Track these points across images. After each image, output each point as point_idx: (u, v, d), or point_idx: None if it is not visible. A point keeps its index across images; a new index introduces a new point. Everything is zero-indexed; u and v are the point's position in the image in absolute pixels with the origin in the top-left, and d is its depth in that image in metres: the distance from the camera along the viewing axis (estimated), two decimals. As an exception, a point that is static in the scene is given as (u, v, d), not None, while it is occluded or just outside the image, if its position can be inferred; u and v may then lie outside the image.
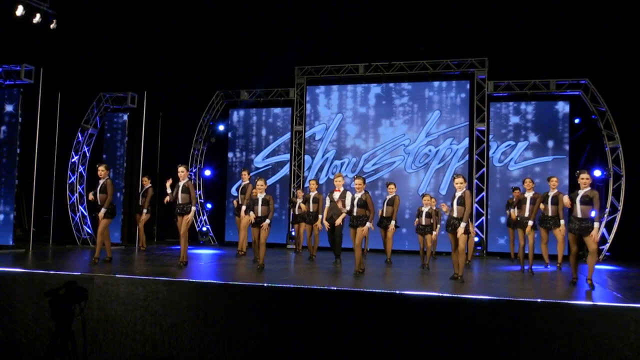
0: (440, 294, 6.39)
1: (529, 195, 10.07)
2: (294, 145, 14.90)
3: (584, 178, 7.81)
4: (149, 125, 14.05)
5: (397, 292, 6.48)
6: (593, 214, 7.73)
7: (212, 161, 15.88)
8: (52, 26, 11.50)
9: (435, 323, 6.25)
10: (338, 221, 9.40)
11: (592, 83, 12.95)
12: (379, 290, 6.57)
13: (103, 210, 9.15)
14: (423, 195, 10.42)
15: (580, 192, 7.80)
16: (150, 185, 12.27)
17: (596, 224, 7.59)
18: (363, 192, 8.81)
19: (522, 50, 13.32)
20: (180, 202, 9.10)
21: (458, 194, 8.25)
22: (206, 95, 15.38)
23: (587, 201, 7.68)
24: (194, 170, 15.45)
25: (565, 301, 6.10)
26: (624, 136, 12.77)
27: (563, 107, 13.38)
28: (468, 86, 13.95)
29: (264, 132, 15.33)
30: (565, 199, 8.07)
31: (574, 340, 5.84)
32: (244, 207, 10.89)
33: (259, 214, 9.21)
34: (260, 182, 9.34)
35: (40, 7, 11.17)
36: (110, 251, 9.53)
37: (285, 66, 14.96)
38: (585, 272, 7.85)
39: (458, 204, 8.20)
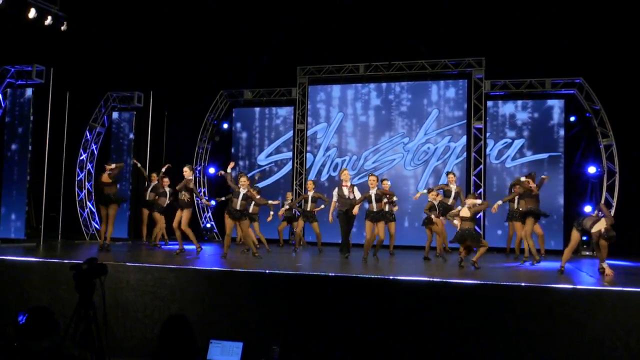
0: (431, 279, 6.88)
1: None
2: (296, 143, 15.38)
3: None
4: (155, 124, 14.57)
5: (391, 277, 6.97)
6: None
7: (217, 159, 16.37)
8: (62, 28, 12.01)
9: (427, 306, 6.74)
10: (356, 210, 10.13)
11: (587, 82, 13.39)
12: (374, 276, 7.07)
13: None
14: (429, 190, 11.01)
15: None
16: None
17: None
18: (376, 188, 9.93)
19: (518, 50, 13.70)
20: (183, 198, 10.29)
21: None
22: (210, 95, 15.88)
23: None
24: (198, 169, 15.96)
25: (546, 285, 6.58)
26: (617, 134, 13.18)
27: (558, 106, 13.83)
28: (466, 85, 14.42)
29: (266, 130, 15.83)
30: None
31: (556, 321, 6.32)
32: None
33: (238, 208, 9.86)
34: (243, 179, 10.08)
35: (52, 10, 11.68)
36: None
37: (287, 66, 15.44)
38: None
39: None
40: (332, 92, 15.34)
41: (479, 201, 9.54)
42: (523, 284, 6.57)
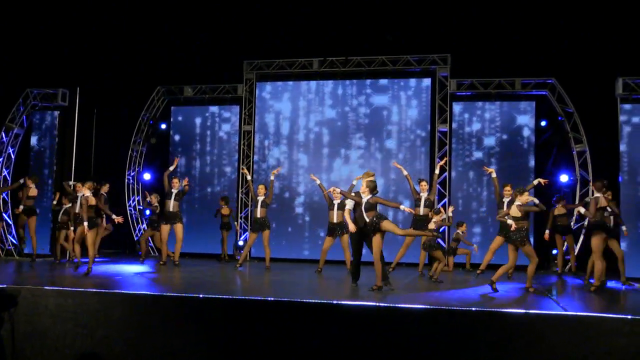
0: (377, 304, 7.27)
1: (506, 200, 11.18)
2: (242, 146, 15.65)
3: None
4: (82, 124, 14.63)
5: (335, 302, 7.34)
6: None
7: (152, 164, 16.53)
8: (-26, 17, 12.07)
9: (373, 333, 7.13)
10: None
11: (559, 83, 14.00)
12: (316, 301, 7.43)
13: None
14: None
15: None
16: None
17: None
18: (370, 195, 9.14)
19: (486, 47, 14.17)
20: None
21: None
22: (146, 92, 16.02)
23: None
24: (132, 174, 16.09)
25: (499, 309, 7.04)
26: (591, 139, 13.81)
27: (529, 108, 14.40)
28: (430, 84, 14.90)
29: (209, 132, 16.06)
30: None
31: (509, 347, 6.79)
32: None
33: (171, 209, 12.08)
34: (175, 180, 12.22)
35: (-39, -3, 11.74)
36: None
37: (233, 60, 15.67)
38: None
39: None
40: (283, 90, 15.66)
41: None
42: (474, 309, 7.02)
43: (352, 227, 9.27)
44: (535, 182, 10.99)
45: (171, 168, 12.61)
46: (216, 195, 15.46)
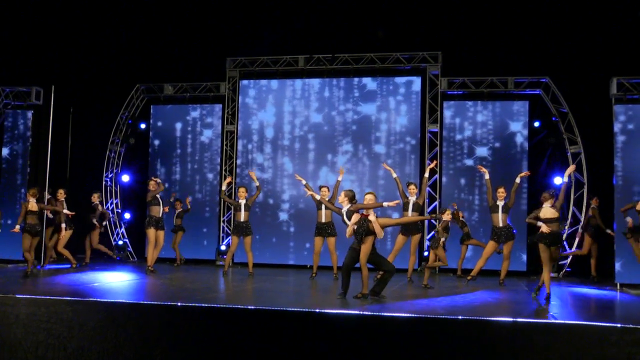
0: (361, 312, 7.33)
1: (500, 203, 11.24)
2: (224, 147, 15.68)
3: None
4: (58, 124, 14.56)
5: (317, 310, 7.39)
6: None
7: (131, 165, 16.53)
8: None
9: (357, 343, 7.19)
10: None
11: (553, 82, 14.11)
12: (298, 309, 7.47)
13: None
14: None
15: None
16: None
17: None
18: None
19: (479, 45, 14.31)
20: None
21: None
22: (124, 90, 16.02)
23: None
24: (109, 176, 16.09)
25: (485, 318, 7.11)
26: (586, 140, 13.94)
27: (522, 110, 14.49)
28: (420, 83, 14.96)
29: (190, 132, 16.08)
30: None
31: (497, 356, 6.86)
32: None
33: (160, 215, 12.26)
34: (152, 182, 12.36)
35: None
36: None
37: (215, 57, 15.72)
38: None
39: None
40: (267, 88, 15.68)
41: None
42: (460, 317, 7.08)
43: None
44: (518, 179, 11.15)
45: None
46: (197, 201, 15.50)
